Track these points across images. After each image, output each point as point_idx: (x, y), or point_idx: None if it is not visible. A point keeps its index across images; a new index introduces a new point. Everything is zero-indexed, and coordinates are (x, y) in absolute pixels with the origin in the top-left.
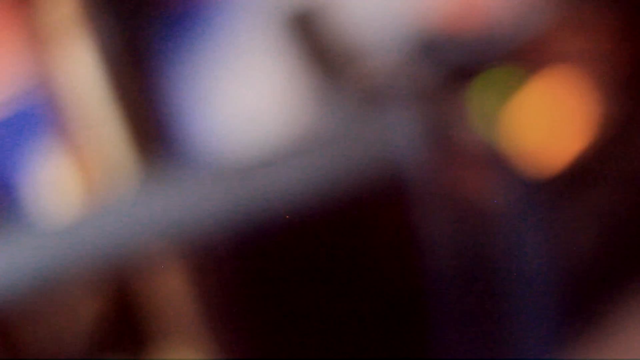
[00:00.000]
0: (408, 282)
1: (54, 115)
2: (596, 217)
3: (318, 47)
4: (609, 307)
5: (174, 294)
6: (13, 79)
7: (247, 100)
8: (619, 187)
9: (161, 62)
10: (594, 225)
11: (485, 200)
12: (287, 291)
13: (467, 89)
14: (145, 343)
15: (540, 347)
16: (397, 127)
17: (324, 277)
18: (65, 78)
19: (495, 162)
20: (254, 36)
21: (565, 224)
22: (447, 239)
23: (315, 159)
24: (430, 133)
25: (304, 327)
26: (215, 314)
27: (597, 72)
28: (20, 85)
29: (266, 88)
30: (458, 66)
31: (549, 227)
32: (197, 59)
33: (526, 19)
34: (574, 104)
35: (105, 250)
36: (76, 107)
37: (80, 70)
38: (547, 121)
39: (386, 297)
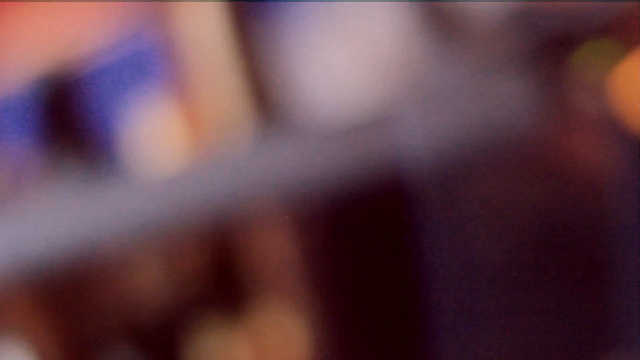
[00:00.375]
0: (516, 245)
1: (168, 60)
2: None
3: (426, 9)
4: None
5: (275, 251)
6: (127, 21)
7: (354, 61)
8: None
9: (275, 18)
10: None
11: (593, 164)
12: (387, 251)
13: (571, 56)
14: (243, 299)
15: None
16: (503, 92)
17: (426, 238)
18: (185, 24)
19: (603, 126)
20: None
21: None
22: (558, 203)
23: (420, 121)
24: (537, 98)
25: (406, 285)
26: (315, 273)
27: None
28: (134, 27)
29: (373, 49)
30: (561, 34)
31: None
32: (306, 16)
33: None
34: None
35: (209, 204)
36: (192, 55)
37: (201, 18)
38: None
39: (495, 260)
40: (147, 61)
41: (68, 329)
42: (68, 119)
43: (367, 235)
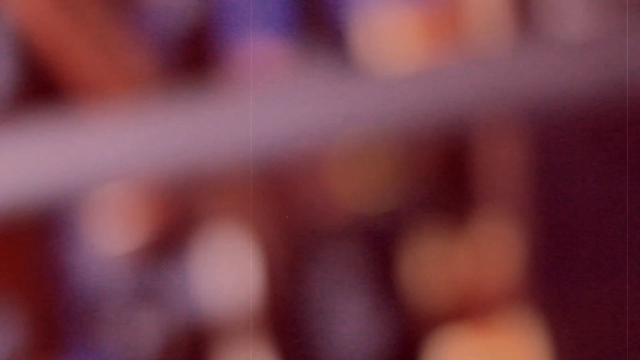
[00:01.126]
0: None
1: None
2: None
3: None
4: None
5: (504, 162)
6: None
7: None
8: None
9: None
10: None
11: None
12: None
13: None
14: (468, 206)
15: None
16: None
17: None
18: None
19: None
20: None
21: None
22: None
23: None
24: None
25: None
26: (541, 188)
27: None
28: None
29: None
30: None
31: None
32: None
33: None
34: None
35: (445, 108)
36: None
37: None
38: None
39: None
40: None
41: (289, 219)
42: (316, 10)
43: (600, 155)
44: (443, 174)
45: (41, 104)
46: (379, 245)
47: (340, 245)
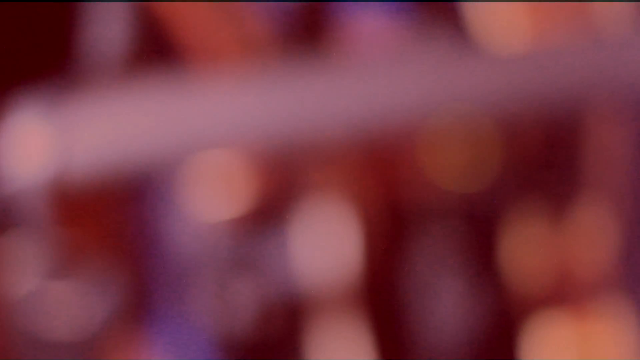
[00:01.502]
0: None
1: None
2: None
3: None
4: None
5: (608, 148)
6: None
7: None
8: None
9: None
10: None
11: None
12: None
13: None
14: (570, 192)
15: None
16: None
17: None
18: None
19: None
20: None
21: None
22: None
23: None
24: None
25: None
26: None
27: None
28: None
29: None
30: None
31: None
32: None
33: None
34: None
35: (552, 90)
36: None
37: None
38: None
39: None
40: None
41: (390, 195)
42: None
43: None
44: (547, 156)
45: (152, 67)
46: (478, 226)
47: (439, 223)
